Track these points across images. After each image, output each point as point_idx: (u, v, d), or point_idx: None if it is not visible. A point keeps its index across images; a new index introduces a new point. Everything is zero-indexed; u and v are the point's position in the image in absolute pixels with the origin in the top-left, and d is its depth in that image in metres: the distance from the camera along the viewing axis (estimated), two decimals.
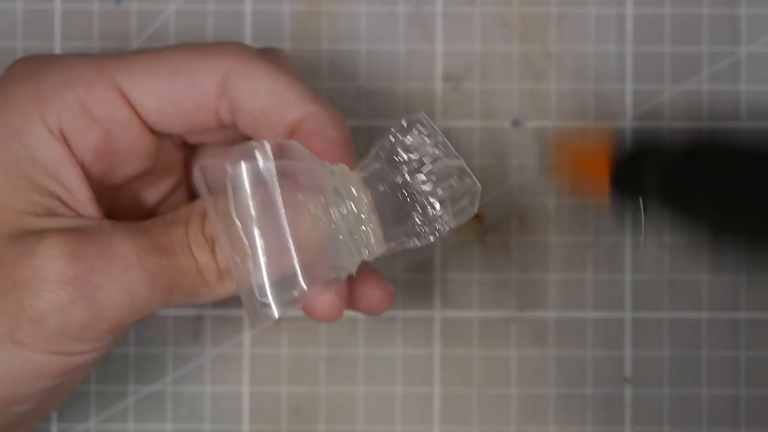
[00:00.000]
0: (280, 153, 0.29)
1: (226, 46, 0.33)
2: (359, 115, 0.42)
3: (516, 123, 0.42)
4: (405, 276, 0.41)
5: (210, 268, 0.31)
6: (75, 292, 0.30)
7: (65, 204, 0.32)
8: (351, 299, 0.35)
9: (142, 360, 0.41)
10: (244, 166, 0.29)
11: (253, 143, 0.29)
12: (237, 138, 0.35)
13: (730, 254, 0.34)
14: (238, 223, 0.29)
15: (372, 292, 0.35)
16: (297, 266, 0.29)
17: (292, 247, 0.29)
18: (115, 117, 0.32)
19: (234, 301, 0.32)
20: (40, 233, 0.30)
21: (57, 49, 0.41)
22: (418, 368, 0.41)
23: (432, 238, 0.31)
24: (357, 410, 0.41)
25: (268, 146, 0.29)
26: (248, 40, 0.41)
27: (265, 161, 0.29)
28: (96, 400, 0.41)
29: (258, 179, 0.29)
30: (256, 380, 0.41)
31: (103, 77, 0.32)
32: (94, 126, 0.32)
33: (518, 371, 0.41)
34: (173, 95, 0.33)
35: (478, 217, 0.41)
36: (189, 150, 0.37)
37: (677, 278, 0.41)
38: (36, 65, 0.33)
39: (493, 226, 0.41)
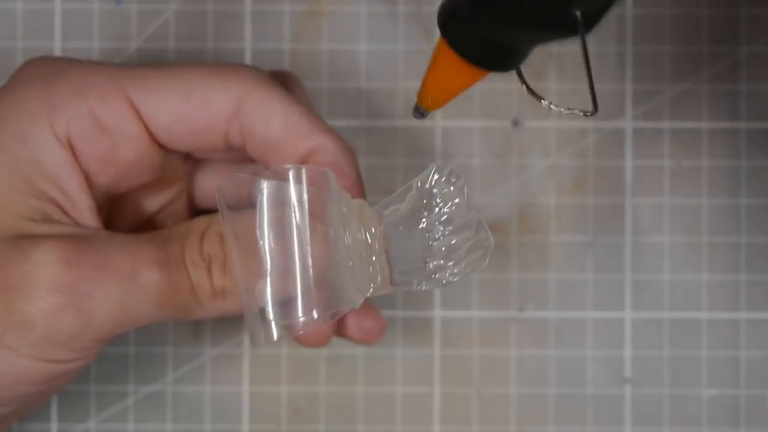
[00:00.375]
0: (312, 179, 0.29)
1: (243, 70, 0.33)
2: (359, 115, 0.42)
3: (516, 123, 0.42)
4: None
5: (204, 288, 0.31)
6: (66, 299, 0.30)
7: (64, 211, 0.32)
8: (342, 327, 0.35)
9: (142, 360, 0.41)
10: (276, 188, 0.29)
11: (289, 167, 0.29)
12: (243, 158, 0.35)
13: None
14: (261, 242, 0.29)
15: (364, 323, 0.35)
16: (309, 293, 0.29)
17: (308, 274, 0.29)
18: (125, 129, 0.32)
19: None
20: (36, 238, 0.30)
21: (57, 49, 0.41)
22: (418, 368, 0.41)
23: (439, 286, 0.31)
24: (357, 410, 0.41)
25: (303, 173, 0.29)
26: (248, 40, 0.41)
27: (297, 186, 0.29)
28: (96, 400, 0.41)
29: (287, 202, 0.29)
30: (256, 380, 0.41)
31: (116, 88, 0.32)
32: (102, 136, 0.32)
33: (518, 371, 0.41)
34: (185, 114, 0.32)
35: None
36: (193, 161, 0.37)
37: (677, 278, 0.41)
38: (49, 69, 0.33)
39: (493, 226, 0.41)
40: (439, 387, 0.41)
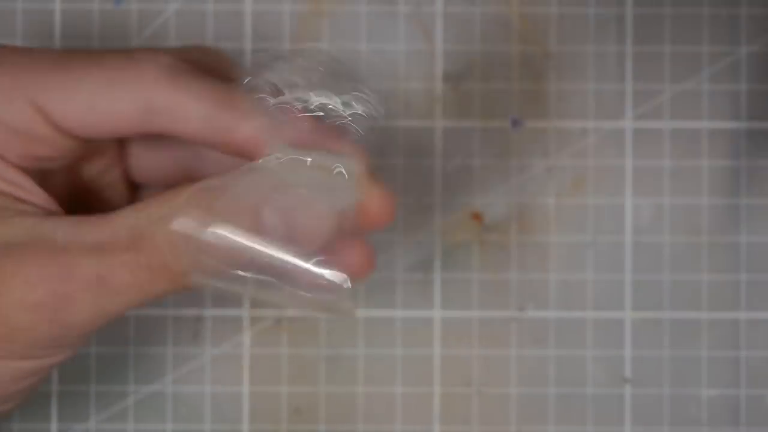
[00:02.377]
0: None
1: (143, 67, 0.31)
2: None
3: (516, 123, 0.42)
4: (405, 276, 0.41)
5: (173, 271, 0.30)
6: (38, 316, 0.30)
7: (22, 200, 0.31)
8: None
9: (142, 360, 0.41)
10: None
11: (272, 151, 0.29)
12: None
13: None
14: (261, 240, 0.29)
15: (351, 258, 0.34)
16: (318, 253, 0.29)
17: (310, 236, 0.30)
18: (35, 131, 0.31)
19: (234, 301, 0.32)
20: (5, 249, 0.30)
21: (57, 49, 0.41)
22: (418, 368, 0.41)
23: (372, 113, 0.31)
24: (357, 410, 0.41)
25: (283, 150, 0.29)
26: (248, 40, 0.41)
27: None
28: (96, 400, 0.41)
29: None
30: (256, 380, 0.41)
31: (20, 90, 0.31)
32: (14, 138, 0.31)
33: (518, 371, 0.41)
34: (93, 122, 0.31)
35: (477, 217, 0.41)
36: None
37: (677, 278, 0.41)
38: None
39: (493, 226, 0.41)
40: (439, 387, 0.41)
